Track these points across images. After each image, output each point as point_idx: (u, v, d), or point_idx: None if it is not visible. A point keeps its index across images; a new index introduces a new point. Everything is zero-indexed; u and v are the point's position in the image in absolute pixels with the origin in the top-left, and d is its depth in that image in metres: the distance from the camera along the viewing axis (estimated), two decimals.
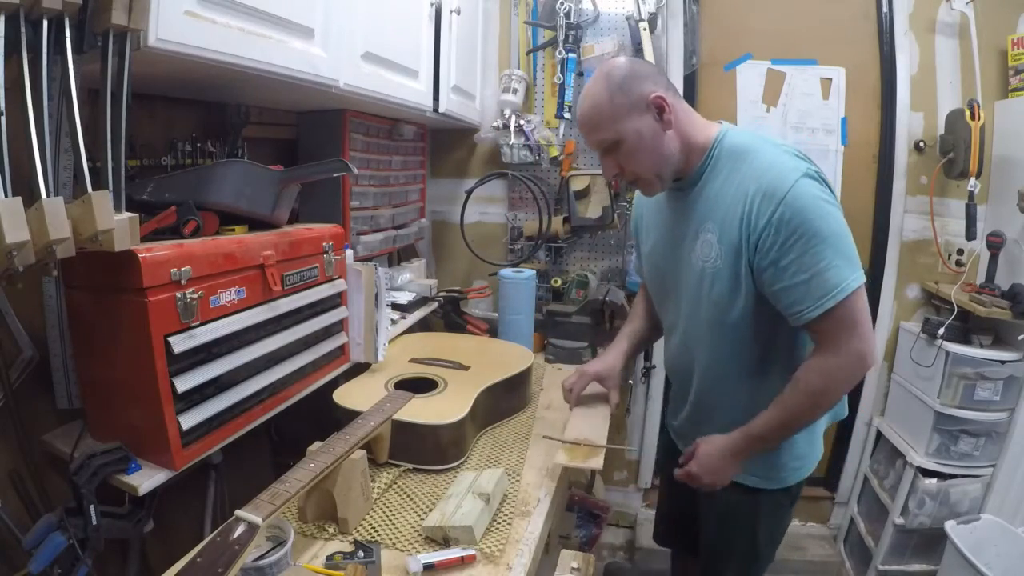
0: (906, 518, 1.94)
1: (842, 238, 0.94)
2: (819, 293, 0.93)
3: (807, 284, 0.93)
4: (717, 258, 1.03)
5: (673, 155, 1.04)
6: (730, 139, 1.05)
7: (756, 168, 0.98)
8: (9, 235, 0.65)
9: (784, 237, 0.93)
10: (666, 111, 1.01)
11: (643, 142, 1.01)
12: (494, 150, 2.18)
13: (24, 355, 0.96)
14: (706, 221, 1.05)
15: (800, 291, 0.94)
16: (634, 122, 1.00)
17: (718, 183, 1.04)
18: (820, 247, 0.92)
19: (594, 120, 1.03)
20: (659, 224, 1.20)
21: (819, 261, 0.92)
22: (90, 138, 0.76)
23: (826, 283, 0.92)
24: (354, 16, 1.21)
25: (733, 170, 1.02)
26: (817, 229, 0.92)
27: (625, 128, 1.00)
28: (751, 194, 0.96)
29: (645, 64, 1.08)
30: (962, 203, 1.90)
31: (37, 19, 0.70)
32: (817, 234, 0.92)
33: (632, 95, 1.00)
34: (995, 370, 1.81)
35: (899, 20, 1.99)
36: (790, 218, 0.93)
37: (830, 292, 0.92)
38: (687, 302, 1.14)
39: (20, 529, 0.91)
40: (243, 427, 1.04)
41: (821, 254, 0.92)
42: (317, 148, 1.53)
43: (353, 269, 1.36)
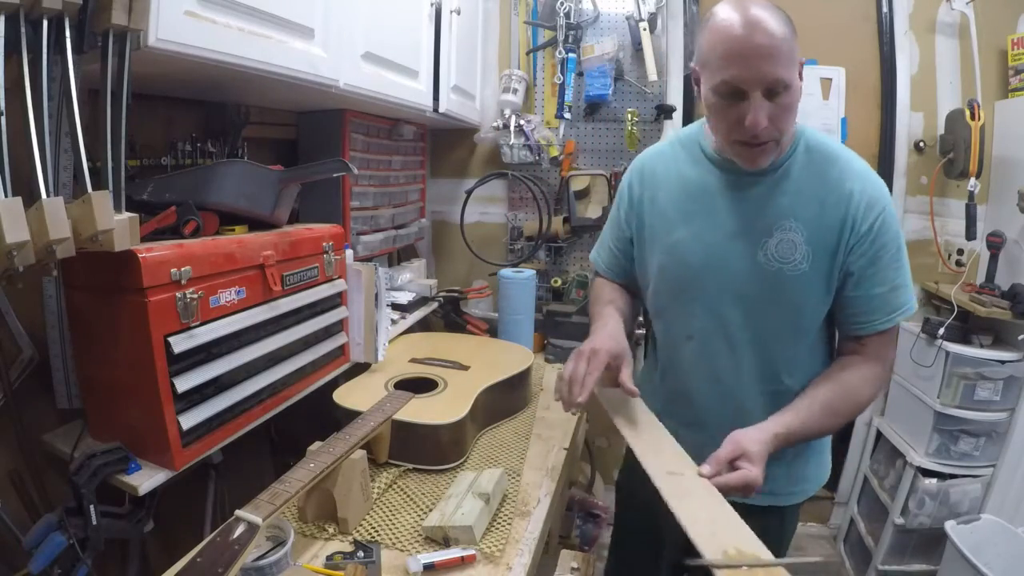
0: (906, 518, 1.94)
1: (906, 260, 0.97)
2: (892, 308, 0.94)
3: (884, 297, 0.94)
4: (803, 260, 0.94)
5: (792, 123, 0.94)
6: (811, 136, 0.98)
7: (854, 173, 0.94)
8: (9, 235, 0.65)
9: (878, 247, 0.93)
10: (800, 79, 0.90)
11: (796, 100, 0.89)
12: (494, 150, 2.18)
13: (24, 355, 0.96)
14: (787, 219, 0.94)
15: (877, 302, 0.94)
16: (795, 72, 0.88)
17: (803, 179, 0.95)
18: (901, 263, 0.95)
19: (781, 52, 0.84)
20: (698, 213, 1.02)
21: (898, 276, 0.94)
22: (90, 138, 0.76)
23: (899, 299, 0.94)
24: (354, 16, 1.21)
25: (823, 170, 0.94)
26: (900, 245, 0.95)
27: (795, 77, 0.87)
28: (855, 199, 0.92)
29: None
30: (962, 203, 1.90)
31: (37, 19, 0.70)
32: (900, 250, 0.95)
33: (796, 52, 0.89)
34: (995, 370, 1.81)
35: (899, 20, 1.99)
36: (886, 230, 0.92)
37: (901, 308, 0.94)
38: (736, 306, 0.99)
39: (20, 529, 0.91)
40: (243, 427, 1.04)
41: (901, 270, 0.95)
42: (317, 148, 1.53)
43: (353, 269, 1.36)
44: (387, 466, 1.14)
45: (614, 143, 2.12)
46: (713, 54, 0.87)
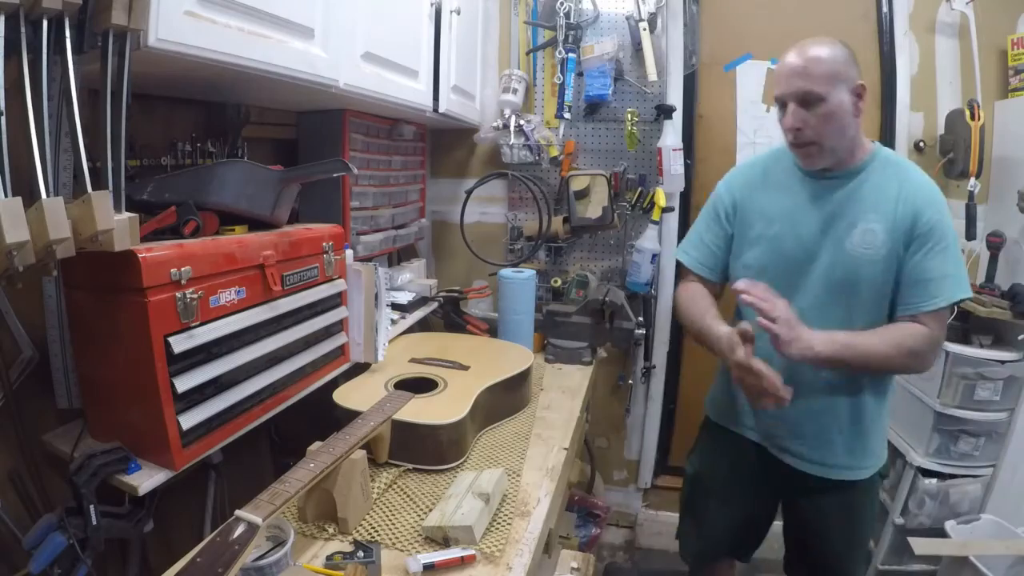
0: (906, 518, 1.94)
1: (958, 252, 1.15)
2: (950, 291, 1.11)
3: (942, 281, 1.11)
4: (882, 246, 1.14)
5: (850, 141, 1.15)
6: (887, 153, 1.21)
7: (920, 182, 1.16)
8: (9, 235, 0.65)
9: (935, 239, 1.12)
10: (863, 100, 1.12)
11: (839, 113, 1.10)
12: (494, 150, 2.18)
13: (24, 355, 0.96)
14: (869, 212, 1.15)
15: (935, 285, 1.11)
16: (843, 92, 1.09)
17: (882, 181, 1.16)
18: (952, 254, 1.13)
19: (818, 69, 1.09)
20: (792, 211, 1.24)
21: (955, 266, 1.12)
22: (90, 138, 0.76)
23: (955, 284, 1.11)
24: (354, 16, 1.21)
25: (896, 176, 1.16)
26: (953, 239, 1.14)
27: (836, 92, 1.09)
28: (920, 201, 1.13)
29: None
30: (962, 203, 1.90)
31: (37, 19, 0.70)
32: (954, 243, 1.14)
33: (852, 71, 1.11)
34: (995, 370, 1.81)
35: (899, 20, 1.99)
36: (941, 224, 1.12)
37: (956, 292, 1.11)
38: (827, 288, 1.19)
39: (20, 529, 0.91)
40: (243, 427, 1.04)
41: (957, 261, 1.13)
42: (317, 148, 1.53)
43: (353, 269, 1.36)
44: (387, 466, 1.14)
45: (614, 143, 2.12)
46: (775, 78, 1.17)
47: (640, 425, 2.33)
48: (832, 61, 1.09)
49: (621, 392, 2.31)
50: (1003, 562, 1.61)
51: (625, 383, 2.27)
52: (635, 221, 2.12)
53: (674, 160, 1.96)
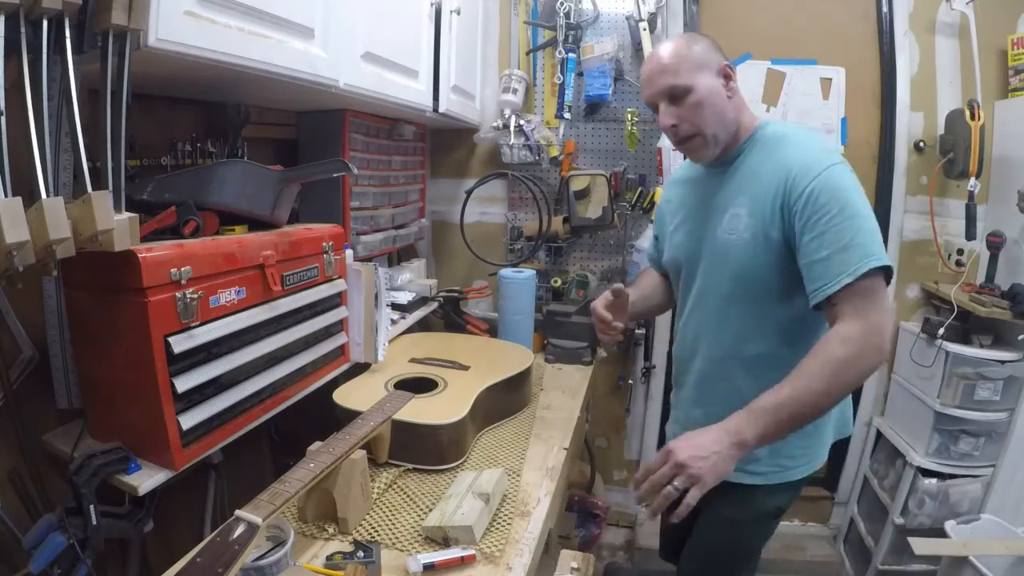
0: (906, 518, 1.94)
1: (870, 219, 0.96)
2: (839, 269, 0.93)
3: (843, 253, 0.93)
4: (745, 230, 1.05)
5: (731, 124, 1.08)
6: (773, 128, 1.10)
7: (797, 151, 1.03)
8: (9, 235, 0.65)
9: (811, 211, 0.96)
10: (732, 80, 1.08)
11: (712, 98, 1.05)
12: (494, 150, 2.18)
13: (24, 355, 0.96)
14: (738, 196, 1.08)
15: (819, 268, 0.95)
16: (707, 78, 1.05)
17: (756, 162, 1.08)
18: (845, 224, 0.94)
19: (672, 64, 1.05)
20: (687, 204, 1.21)
21: (842, 238, 0.93)
22: (90, 138, 0.76)
23: (848, 258, 0.92)
24: (354, 16, 1.21)
25: (772, 151, 1.06)
26: (844, 206, 0.94)
27: (699, 80, 1.04)
28: (791, 171, 1.00)
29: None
30: (962, 203, 1.90)
31: (37, 19, 0.70)
32: (843, 211, 0.94)
33: (713, 56, 1.06)
34: (995, 370, 1.81)
35: (899, 20, 1.99)
36: (819, 193, 0.96)
37: (851, 267, 0.92)
38: (705, 277, 1.15)
39: (20, 529, 0.91)
40: (243, 427, 1.04)
41: (845, 231, 0.93)
42: (317, 148, 1.53)
43: (353, 269, 1.36)
44: (387, 466, 1.14)
45: (614, 143, 2.12)
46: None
47: (640, 425, 2.33)
48: (689, 51, 1.05)
49: (621, 392, 2.31)
50: (1003, 562, 1.61)
51: (625, 383, 2.27)
52: (635, 221, 2.12)
53: (674, 160, 1.96)
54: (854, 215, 0.94)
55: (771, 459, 1.12)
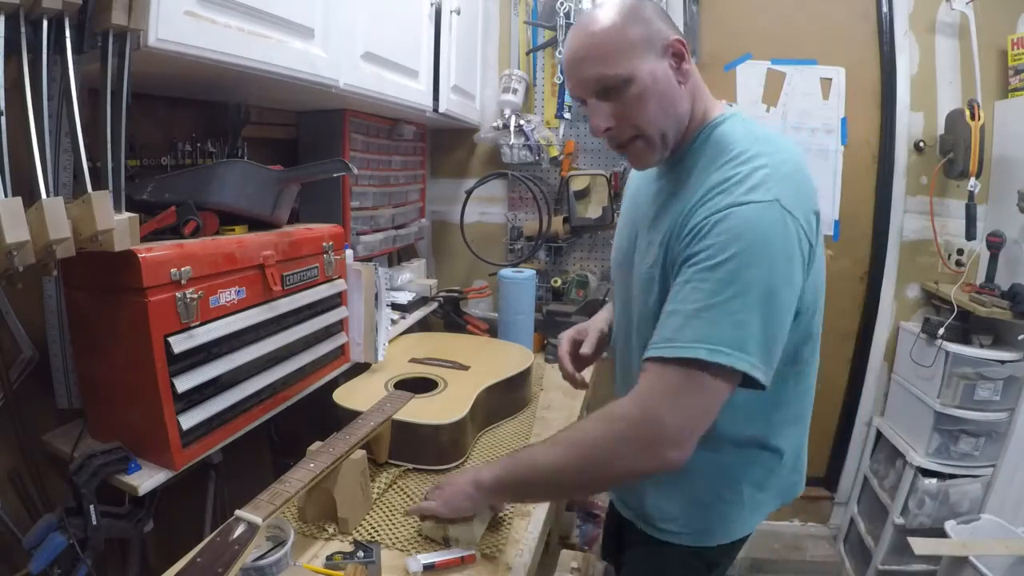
0: (906, 518, 1.94)
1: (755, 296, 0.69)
2: (665, 334, 0.72)
3: (667, 317, 0.73)
4: (653, 265, 0.83)
5: (682, 117, 0.82)
6: (729, 125, 0.83)
7: (731, 169, 0.76)
8: (9, 235, 0.65)
9: (692, 250, 0.73)
10: (685, 60, 0.80)
11: (657, 88, 0.78)
12: (494, 150, 2.18)
13: (24, 355, 0.96)
14: (660, 216, 0.85)
15: (669, 322, 0.73)
16: (649, 62, 0.78)
17: (692, 175, 0.82)
18: (714, 285, 0.70)
19: (600, 50, 0.78)
20: (632, 205, 0.99)
21: (698, 300, 0.70)
22: (90, 138, 0.76)
23: (683, 330, 0.70)
24: (354, 16, 1.21)
25: (709, 162, 0.79)
26: (727, 261, 0.69)
27: (640, 66, 0.77)
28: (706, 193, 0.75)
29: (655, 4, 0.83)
30: (962, 203, 1.90)
31: (37, 19, 0.70)
32: (722, 266, 0.69)
33: (651, 29, 0.78)
34: (995, 370, 1.81)
35: (899, 20, 1.99)
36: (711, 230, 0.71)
37: (676, 342, 0.70)
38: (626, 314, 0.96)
39: (20, 529, 0.91)
40: (243, 427, 1.04)
41: (707, 294, 0.70)
42: (317, 148, 1.53)
43: (353, 269, 1.36)
44: (387, 466, 1.14)
45: None
46: None
47: None
48: (624, 27, 0.77)
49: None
50: (1003, 562, 1.61)
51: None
52: None
53: None
54: (730, 281, 0.69)
55: (685, 521, 0.94)
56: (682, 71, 0.81)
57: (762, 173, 0.73)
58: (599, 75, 0.79)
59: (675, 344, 0.70)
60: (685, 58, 0.80)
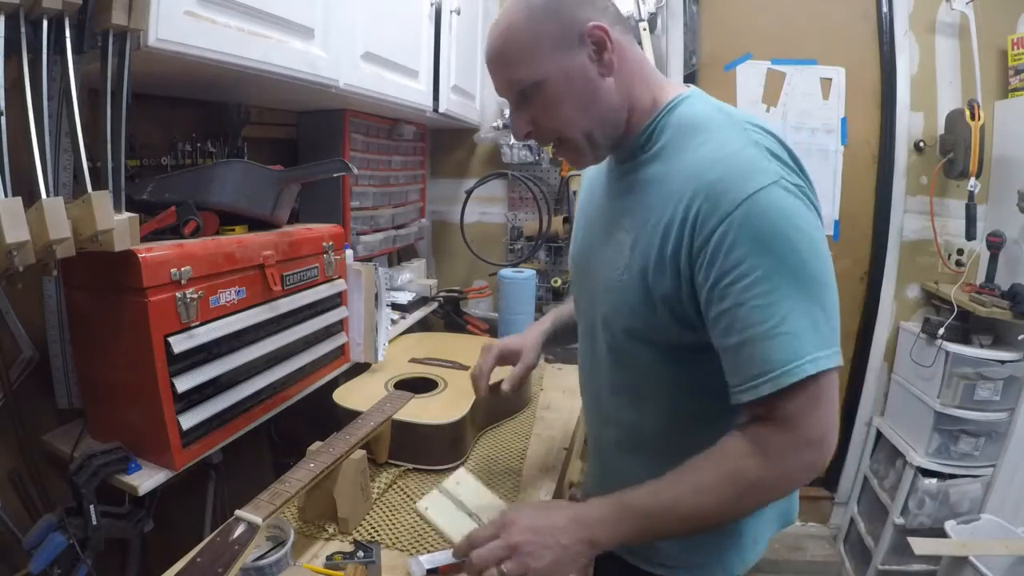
0: (906, 518, 1.94)
1: (818, 287, 0.64)
2: (756, 370, 0.64)
3: (738, 352, 0.65)
4: (624, 271, 0.76)
5: (612, 111, 0.75)
6: (686, 108, 0.75)
7: (712, 152, 0.68)
8: (9, 235, 0.65)
9: (721, 269, 0.64)
10: (607, 49, 0.72)
11: (573, 87, 0.72)
12: (494, 150, 2.18)
13: (24, 355, 0.96)
14: (624, 216, 0.78)
15: (730, 360, 0.66)
16: (561, 59, 0.71)
17: (656, 164, 0.75)
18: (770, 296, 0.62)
19: (507, 53, 0.74)
20: (590, 204, 0.92)
21: (763, 319, 0.63)
22: (90, 138, 0.76)
23: (770, 357, 0.63)
24: (354, 16, 1.21)
25: (679, 149, 0.72)
26: (772, 265, 0.62)
27: (548, 66, 0.72)
28: (697, 194, 0.66)
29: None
30: (962, 203, 1.91)
31: (37, 19, 0.70)
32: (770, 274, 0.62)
33: (562, 20, 0.71)
34: (995, 370, 1.81)
35: (899, 20, 2.00)
36: (735, 240, 0.63)
37: (774, 371, 0.62)
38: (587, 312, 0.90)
39: (20, 529, 0.91)
40: (243, 427, 1.04)
41: (768, 310, 0.62)
42: (317, 148, 1.53)
43: (353, 269, 1.36)
44: (387, 466, 1.14)
45: None
46: None
47: None
48: (530, 23, 0.71)
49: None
50: (1003, 562, 1.61)
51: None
52: None
53: None
54: (787, 283, 0.62)
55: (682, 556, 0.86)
56: (604, 61, 0.72)
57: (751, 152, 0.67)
58: (509, 80, 0.75)
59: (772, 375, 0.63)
60: (607, 46, 0.71)
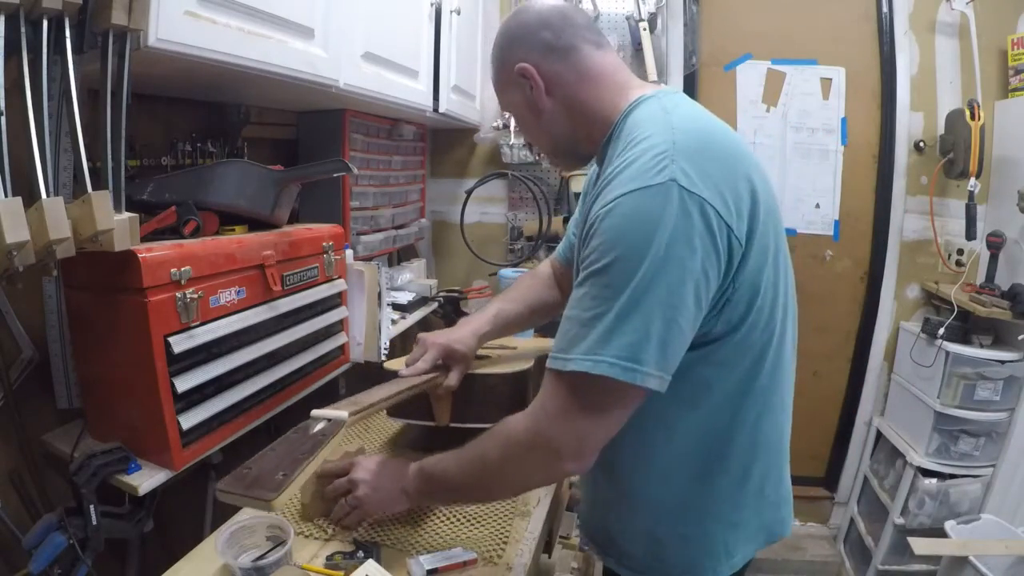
0: (906, 518, 1.94)
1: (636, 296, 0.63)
2: (561, 344, 0.68)
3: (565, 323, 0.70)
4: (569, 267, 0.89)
5: (562, 132, 0.84)
6: (640, 110, 0.76)
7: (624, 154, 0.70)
8: (9, 235, 0.65)
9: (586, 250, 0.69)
10: (534, 84, 0.80)
11: (522, 117, 0.88)
12: (494, 150, 2.18)
13: (24, 355, 0.96)
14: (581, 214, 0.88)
15: (560, 327, 0.71)
16: (510, 95, 0.86)
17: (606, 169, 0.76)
18: (601, 290, 0.65)
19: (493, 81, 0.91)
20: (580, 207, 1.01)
21: (588, 308, 0.66)
22: (90, 138, 0.76)
23: (574, 340, 0.66)
24: (354, 16, 1.21)
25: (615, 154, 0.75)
26: (613, 263, 0.64)
27: (505, 101, 0.89)
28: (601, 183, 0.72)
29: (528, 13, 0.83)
30: (962, 203, 1.91)
31: (37, 19, 0.70)
32: (608, 270, 0.64)
33: (504, 64, 0.84)
34: (995, 370, 1.81)
35: (899, 20, 2.00)
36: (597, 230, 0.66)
37: (569, 353, 0.67)
38: None
39: (20, 529, 0.91)
40: (243, 427, 1.04)
41: (595, 301, 0.65)
42: (317, 148, 1.53)
43: (354, 269, 1.36)
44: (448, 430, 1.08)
45: None
46: None
47: None
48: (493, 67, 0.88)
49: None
50: (1003, 562, 1.61)
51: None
52: None
53: None
54: (621, 283, 0.63)
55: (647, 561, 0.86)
56: (536, 89, 0.80)
57: (656, 152, 0.66)
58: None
59: (567, 356, 0.67)
60: (532, 77, 0.80)
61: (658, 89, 0.80)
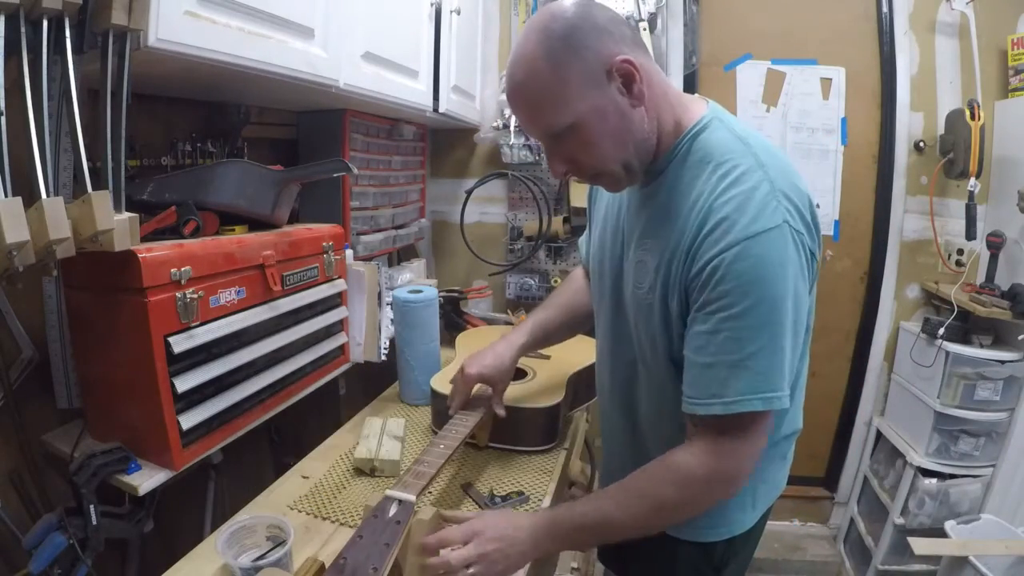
0: (906, 518, 1.94)
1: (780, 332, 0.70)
2: (715, 390, 0.72)
3: (707, 371, 0.73)
4: (650, 291, 0.80)
5: (646, 139, 0.77)
6: (712, 133, 0.77)
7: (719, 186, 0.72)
8: (9, 235, 0.65)
9: (709, 296, 0.71)
10: (636, 80, 0.72)
11: (607, 125, 0.73)
12: (494, 150, 2.18)
13: (24, 355, 0.96)
14: (647, 237, 0.82)
15: (695, 373, 0.74)
16: (592, 98, 0.71)
17: (672, 191, 0.78)
18: (745, 333, 0.70)
19: (534, 101, 0.74)
20: (609, 212, 0.94)
21: (735, 351, 0.70)
22: (90, 138, 0.76)
23: (730, 383, 0.71)
24: (354, 16, 1.21)
25: (693, 177, 0.75)
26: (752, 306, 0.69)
27: (579, 108, 0.71)
28: (704, 225, 0.72)
29: (596, 7, 0.73)
30: (962, 203, 1.91)
31: (37, 19, 0.70)
32: (749, 313, 0.69)
33: (586, 58, 0.70)
34: (995, 370, 1.81)
35: (899, 20, 2.00)
36: (724, 275, 0.69)
37: (729, 397, 0.71)
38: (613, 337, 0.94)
39: (20, 529, 0.91)
40: (243, 427, 1.04)
41: (741, 343, 0.70)
42: (317, 148, 1.53)
43: (355, 269, 1.36)
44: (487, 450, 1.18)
45: None
46: None
47: None
48: (553, 67, 0.70)
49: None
50: (1003, 562, 1.61)
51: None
52: None
53: None
54: (762, 324, 0.69)
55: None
56: (634, 93, 0.73)
57: (763, 192, 0.70)
58: (541, 126, 0.75)
59: (726, 400, 0.72)
60: (635, 77, 0.72)
61: (710, 109, 0.81)
